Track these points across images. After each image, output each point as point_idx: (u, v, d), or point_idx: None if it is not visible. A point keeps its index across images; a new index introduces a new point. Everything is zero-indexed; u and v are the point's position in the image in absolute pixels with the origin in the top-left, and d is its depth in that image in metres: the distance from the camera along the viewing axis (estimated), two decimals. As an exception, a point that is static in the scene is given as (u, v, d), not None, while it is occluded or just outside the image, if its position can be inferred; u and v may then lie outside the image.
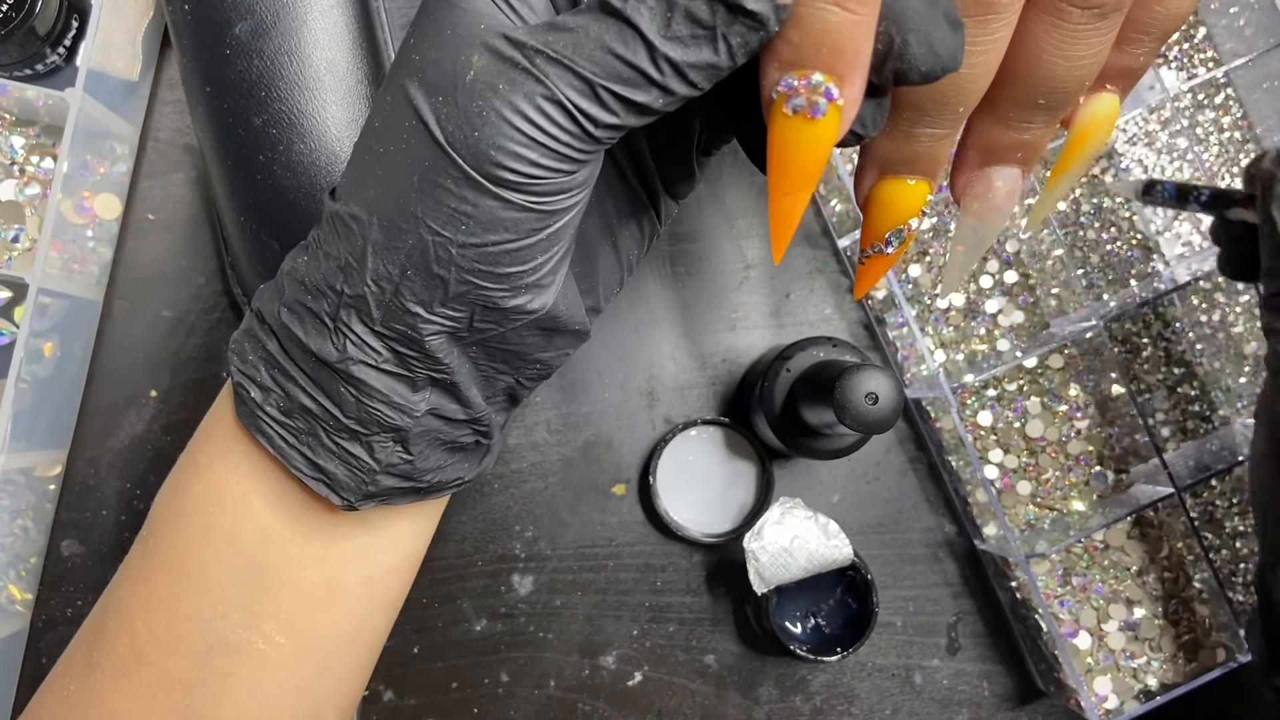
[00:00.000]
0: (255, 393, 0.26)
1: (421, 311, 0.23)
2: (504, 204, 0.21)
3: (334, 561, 0.28)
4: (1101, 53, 0.22)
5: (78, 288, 0.45)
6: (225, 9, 0.40)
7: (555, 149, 0.20)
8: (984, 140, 0.24)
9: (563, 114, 0.20)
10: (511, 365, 0.26)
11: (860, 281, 0.26)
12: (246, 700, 0.28)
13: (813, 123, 0.20)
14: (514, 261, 0.22)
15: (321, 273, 0.24)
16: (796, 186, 0.21)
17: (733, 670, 0.50)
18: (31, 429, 0.44)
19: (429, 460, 0.26)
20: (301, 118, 0.40)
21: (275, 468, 0.27)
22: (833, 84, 0.19)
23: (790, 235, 0.22)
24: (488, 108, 0.20)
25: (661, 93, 0.20)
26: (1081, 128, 0.25)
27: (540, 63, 0.20)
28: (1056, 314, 0.50)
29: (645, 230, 0.29)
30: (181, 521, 0.28)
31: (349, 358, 0.24)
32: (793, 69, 0.19)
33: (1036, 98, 0.22)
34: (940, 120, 0.22)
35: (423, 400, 0.25)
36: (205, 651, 0.27)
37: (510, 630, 0.49)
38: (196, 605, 0.27)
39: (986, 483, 0.46)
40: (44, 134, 0.48)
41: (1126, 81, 0.24)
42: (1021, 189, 0.25)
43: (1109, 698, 0.49)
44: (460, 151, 0.21)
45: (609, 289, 0.29)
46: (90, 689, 0.28)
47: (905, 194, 0.24)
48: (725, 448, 0.50)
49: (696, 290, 0.51)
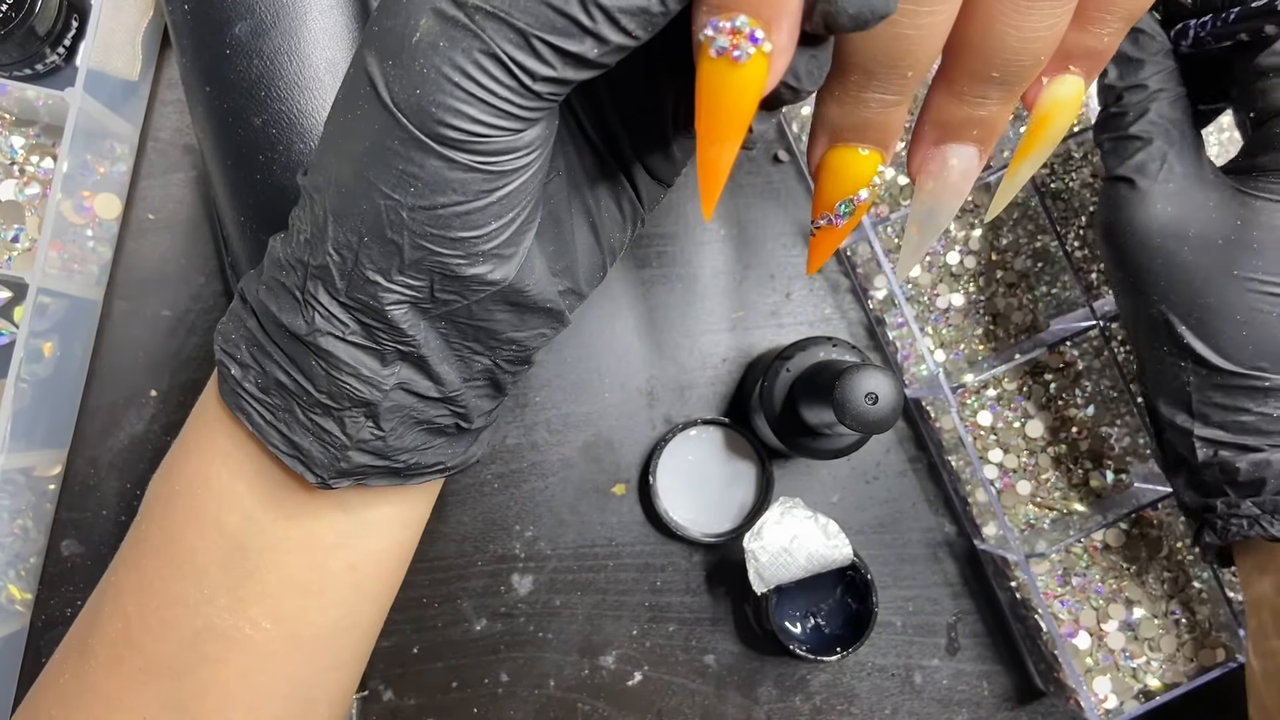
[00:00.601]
0: (236, 370, 0.26)
1: (381, 280, 0.23)
2: (449, 164, 0.21)
3: (318, 547, 0.28)
4: (1057, 26, 0.21)
5: (78, 288, 0.45)
6: (225, 9, 0.40)
7: (496, 105, 0.20)
8: (939, 115, 0.23)
9: (500, 68, 0.20)
10: (484, 344, 0.26)
11: (813, 255, 0.26)
12: (236, 688, 0.28)
13: (737, 67, 0.19)
14: (466, 225, 0.22)
15: (293, 247, 0.24)
16: (723, 135, 0.21)
17: (733, 670, 0.50)
18: (31, 429, 0.44)
19: (403, 439, 0.26)
20: (301, 118, 0.40)
21: (256, 448, 0.27)
22: (758, 27, 0.19)
23: (719, 187, 0.22)
24: (428, 65, 0.20)
25: (596, 41, 0.19)
26: (1043, 110, 0.24)
27: (479, 18, 0.19)
28: (1056, 314, 0.50)
29: (627, 212, 0.29)
30: (171, 505, 0.28)
31: (317, 329, 0.24)
32: (719, 12, 0.19)
33: (990, 70, 0.22)
34: (889, 85, 0.22)
35: (391, 375, 0.25)
36: (193, 637, 0.27)
37: (510, 630, 0.49)
38: (184, 590, 0.27)
39: (986, 483, 0.46)
40: (44, 134, 0.48)
41: (1091, 63, 0.24)
42: (978, 169, 0.24)
43: (1109, 698, 0.49)
44: (405, 112, 0.20)
45: (590, 272, 0.29)
46: (84, 675, 0.28)
47: (856, 163, 0.23)
48: (725, 448, 0.50)
49: (697, 290, 0.51)
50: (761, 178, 0.52)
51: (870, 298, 0.51)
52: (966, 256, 0.51)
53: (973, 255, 0.51)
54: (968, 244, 0.51)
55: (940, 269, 0.51)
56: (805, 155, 0.25)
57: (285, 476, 0.27)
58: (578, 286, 0.28)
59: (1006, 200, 0.28)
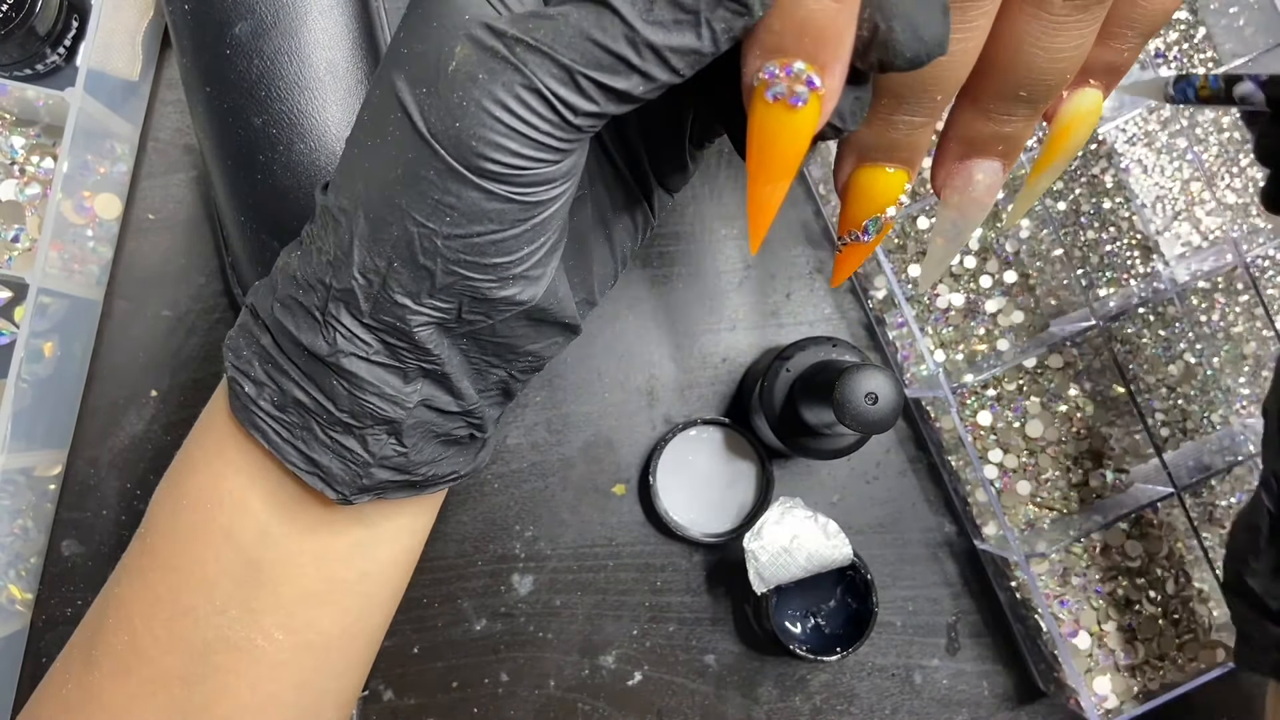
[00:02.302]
0: (249, 387, 0.26)
1: (409, 303, 0.23)
2: (487, 195, 0.21)
3: (332, 557, 0.28)
4: (1083, 46, 0.21)
5: (78, 288, 0.45)
6: (225, 9, 0.40)
7: (536, 139, 0.20)
8: (965, 132, 0.24)
9: (542, 103, 0.20)
10: (503, 358, 0.26)
11: (838, 270, 0.26)
12: (245, 697, 0.28)
13: (793, 111, 0.19)
14: (500, 252, 0.22)
15: (312, 267, 0.24)
16: (775, 176, 0.21)
17: (733, 670, 0.50)
18: (31, 429, 0.44)
19: (423, 453, 0.26)
20: (301, 118, 0.40)
21: (271, 463, 0.27)
22: (814, 72, 0.19)
23: (767, 224, 0.22)
24: (468, 98, 0.20)
25: (642, 79, 0.19)
26: (1063, 123, 0.25)
27: (520, 51, 0.19)
28: (1056, 314, 0.50)
29: (639, 222, 0.29)
30: (179, 518, 0.28)
31: (339, 350, 0.24)
32: (774, 56, 0.19)
33: (1017, 89, 0.22)
34: (919, 108, 0.22)
35: (415, 392, 0.25)
36: (203, 648, 0.27)
37: (510, 630, 0.49)
38: (194, 602, 0.27)
39: (986, 483, 0.46)
40: (44, 134, 0.48)
41: (1110, 78, 0.24)
42: (1001, 183, 0.24)
43: (1109, 698, 0.49)
44: (442, 143, 0.20)
45: (603, 281, 0.29)
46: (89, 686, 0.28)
47: (883, 182, 0.23)
48: (725, 448, 0.50)
49: (697, 290, 0.51)
50: (761, 178, 0.52)
51: (870, 298, 0.51)
52: (966, 256, 0.51)
53: (973, 255, 0.51)
54: (968, 244, 0.51)
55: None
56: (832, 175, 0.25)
57: (301, 491, 0.27)
58: (591, 296, 0.29)
59: (1025, 209, 0.28)
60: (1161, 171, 0.52)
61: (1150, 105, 0.51)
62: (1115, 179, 0.52)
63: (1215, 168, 0.52)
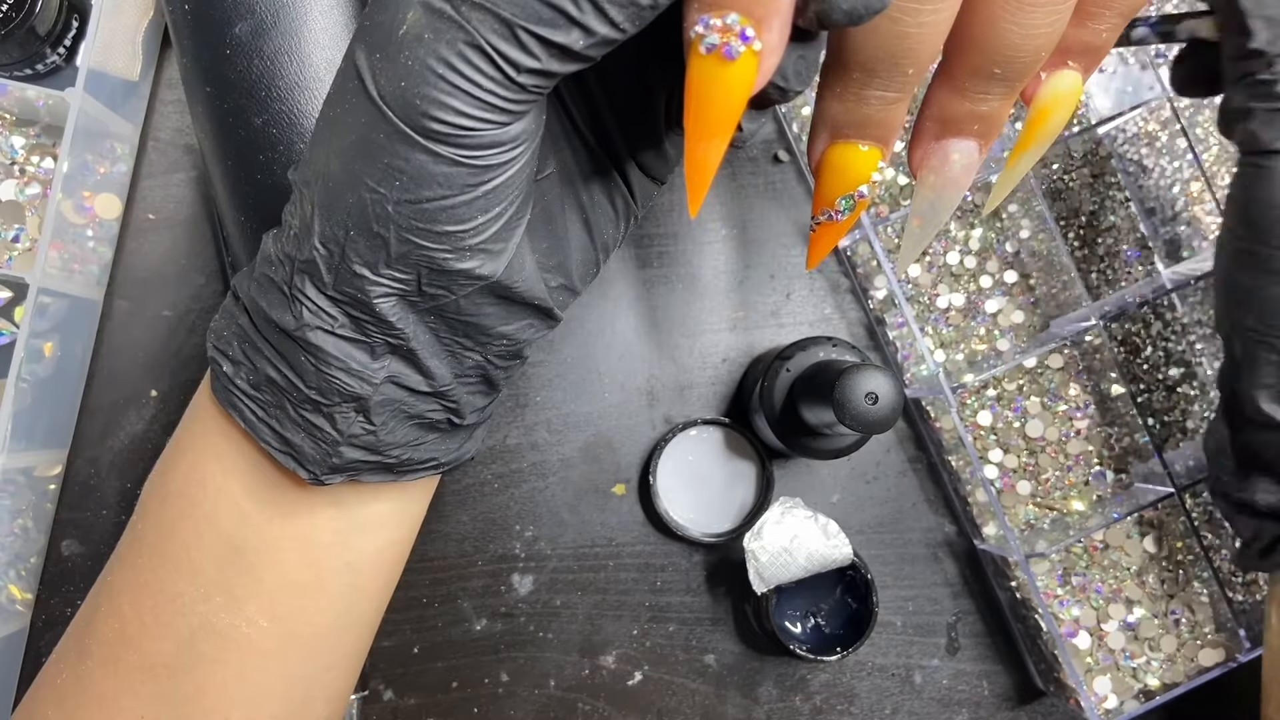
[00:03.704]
0: (228, 367, 0.26)
1: (367, 273, 0.23)
2: (434, 158, 0.21)
3: (314, 545, 0.28)
4: (1058, 23, 0.21)
5: (78, 288, 0.45)
6: (225, 9, 0.40)
7: (481, 98, 0.20)
8: (941, 111, 0.24)
9: (485, 60, 0.19)
10: (474, 339, 0.26)
11: (812, 250, 0.26)
12: (233, 686, 0.28)
13: (727, 64, 0.19)
14: (451, 220, 0.22)
15: (282, 243, 0.24)
16: (711, 132, 0.21)
17: (733, 670, 0.50)
18: (31, 429, 0.44)
19: (395, 434, 0.26)
20: (301, 118, 0.40)
21: (250, 446, 0.27)
22: (749, 25, 0.19)
23: (705, 184, 0.22)
24: (414, 58, 0.20)
25: (583, 33, 0.19)
26: (1042, 105, 0.24)
27: (464, 9, 0.19)
28: (1056, 314, 0.50)
29: (620, 209, 0.29)
30: (166, 504, 0.28)
31: (305, 324, 0.24)
32: (711, 9, 0.19)
33: (992, 66, 0.22)
34: (890, 82, 0.22)
35: (382, 368, 0.25)
36: (189, 635, 0.27)
37: (510, 630, 0.49)
38: (180, 588, 0.27)
39: (986, 483, 0.46)
40: (44, 134, 0.48)
41: (1089, 59, 0.24)
42: (979, 163, 0.24)
43: (1109, 697, 0.49)
44: (390, 105, 0.20)
45: (583, 269, 0.29)
46: (82, 676, 0.28)
47: (856, 159, 0.23)
48: (725, 448, 0.50)
49: (696, 290, 0.51)
50: (762, 178, 0.52)
51: (870, 298, 0.51)
52: (967, 256, 0.51)
53: (973, 255, 0.51)
54: (967, 244, 0.51)
55: (940, 269, 0.51)
56: (806, 153, 0.25)
57: (279, 474, 0.27)
58: (570, 283, 0.28)
59: (1005, 193, 0.28)
60: (1161, 171, 0.52)
61: (1150, 105, 0.51)
62: (1115, 179, 0.52)
63: (1215, 168, 0.52)
